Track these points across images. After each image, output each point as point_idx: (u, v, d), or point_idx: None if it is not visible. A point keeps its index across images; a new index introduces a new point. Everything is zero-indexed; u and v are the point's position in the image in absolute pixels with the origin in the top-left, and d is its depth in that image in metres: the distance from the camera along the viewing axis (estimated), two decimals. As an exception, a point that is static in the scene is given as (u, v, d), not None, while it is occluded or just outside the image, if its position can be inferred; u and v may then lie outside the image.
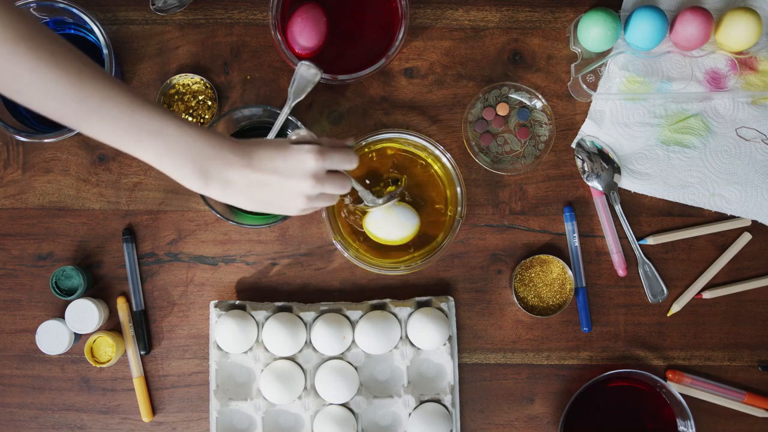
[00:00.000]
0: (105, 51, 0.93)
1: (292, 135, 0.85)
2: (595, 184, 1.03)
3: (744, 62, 1.01)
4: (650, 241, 1.03)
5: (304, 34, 0.97)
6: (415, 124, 1.04)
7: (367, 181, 1.00)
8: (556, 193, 1.04)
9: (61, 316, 1.01)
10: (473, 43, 1.04)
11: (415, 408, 1.00)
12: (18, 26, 0.69)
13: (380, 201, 0.95)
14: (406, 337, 1.00)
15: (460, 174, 0.99)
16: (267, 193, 0.80)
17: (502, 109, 1.03)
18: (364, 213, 0.99)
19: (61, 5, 0.93)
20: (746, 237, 1.04)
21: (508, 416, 1.04)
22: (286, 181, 0.80)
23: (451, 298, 1.02)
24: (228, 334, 0.97)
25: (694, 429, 0.99)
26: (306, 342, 1.00)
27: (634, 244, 1.03)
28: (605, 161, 1.03)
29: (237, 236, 1.03)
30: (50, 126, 0.98)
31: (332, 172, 0.84)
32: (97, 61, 0.98)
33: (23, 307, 1.03)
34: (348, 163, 0.84)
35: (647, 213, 1.04)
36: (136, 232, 1.03)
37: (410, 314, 1.00)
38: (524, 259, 1.02)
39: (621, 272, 1.04)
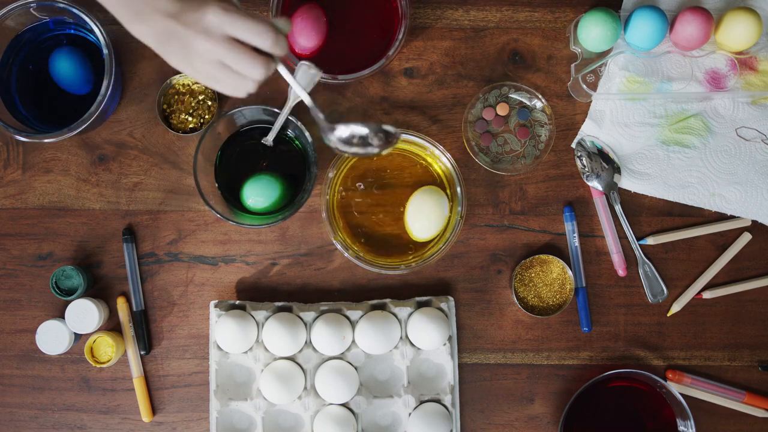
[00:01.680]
0: (105, 51, 0.93)
1: None
2: (595, 184, 1.03)
3: (744, 62, 1.01)
4: (650, 241, 1.03)
5: (304, 34, 0.97)
6: (415, 124, 1.04)
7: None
8: (556, 193, 1.04)
9: (61, 316, 1.01)
10: (473, 43, 1.04)
11: (415, 408, 1.00)
12: None
13: (337, 132, 0.82)
14: (406, 337, 1.00)
15: (460, 174, 0.99)
16: (176, 46, 0.76)
17: (502, 109, 1.03)
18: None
19: (62, 5, 0.93)
20: (746, 237, 1.04)
21: (508, 416, 1.04)
22: (186, 32, 0.74)
23: (451, 298, 1.02)
24: (228, 334, 0.97)
25: (694, 429, 0.99)
26: (306, 342, 1.00)
27: (634, 244, 1.03)
28: (605, 161, 1.03)
29: (237, 236, 1.03)
30: (50, 126, 0.98)
31: (246, 48, 0.76)
32: (98, 61, 0.99)
33: (23, 307, 1.03)
34: (259, 36, 0.75)
35: (647, 213, 1.04)
36: (136, 232, 1.03)
37: (410, 314, 1.00)
38: (524, 259, 1.02)
39: (621, 272, 1.04)
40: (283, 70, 0.80)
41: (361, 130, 0.81)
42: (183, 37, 0.75)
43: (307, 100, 0.83)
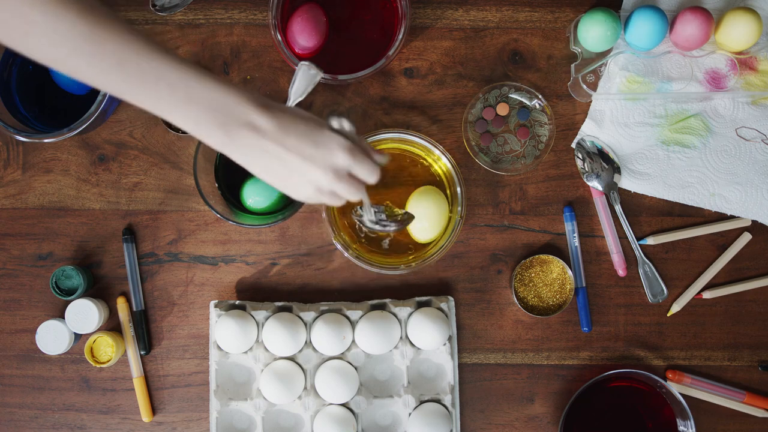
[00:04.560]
0: (105, 51, 0.93)
1: (333, 121, 0.79)
2: (595, 184, 1.03)
3: (744, 62, 1.01)
4: (650, 241, 1.03)
5: (304, 34, 0.97)
6: (415, 124, 1.04)
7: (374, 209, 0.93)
8: (556, 193, 1.04)
9: (61, 316, 1.01)
10: (473, 43, 1.04)
11: (415, 408, 1.00)
12: None
13: (378, 223, 0.91)
14: (406, 337, 1.00)
15: (460, 174, 0.99)
16: (281, 169, 0.75)
17: (502, 109, 1.03)
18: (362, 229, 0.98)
19: (61, 5, 0.93)
20: (746, 237, 1.04)
21: (508, 416, 1.04)
22: (304, 166, 0.75)
23: (451, 298, 1.02)
24: (228, 334, 0.97)
25: (694, 429, 0.99)
26: (306, 342, 1.00)
27: (634, 244, 1.03)
28: (605, 161, 1.03)
29: (237, 236, 1.03)
30: (50, 126, 0.98)
31: (351, 176, 0.79)
32: (97, 61, 0.98)
33: (23, 307, 1.03)
34: (371, 175, 0.80)
35: (647, 213, 1.04)
36: (136, 232, 1.03)
37: (410, 314, 1.00)
38: (524, 259, 1.02)
39: (621, 272, 1.04)
40: (365, 197, 0.84)
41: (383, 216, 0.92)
42: (295, 164, 0.75)
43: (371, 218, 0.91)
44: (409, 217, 0.94)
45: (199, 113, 0.72)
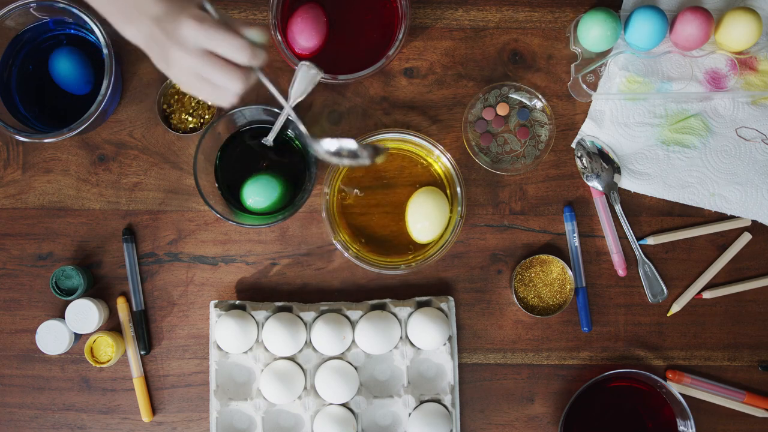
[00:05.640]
0: (105, 51, 0.93)
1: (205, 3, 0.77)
2: (595, 184, 1.03)
3: (744, 62, 1.01)
4: (650, 241, 1.03)
5: (304, 34, 0.97)
6: (415, 124, 1.04)
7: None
8: (556, 193, 1.04)
9: (61, 316, 1.01)
10: (473, 43, 1.04)
11: (415, 408, 1.00)
12: None
13: (328, 147, 0.84)
14: (406, 337, 1.00)
15: (460, 174, 0.99)
16: (158, 52, 0.76)
17: (502, 109, 1.03)
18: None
19: (62, 5, 0.93)
20: (746, 237, 1.04)
21: (508, 416, 1.04)
22: (165, 40, 0.74)
23: (451, 298, 1.02)
24: (228, 334, 0.97)
25: (694, 429, 0.99)
26: (306, 342, 1.00)
27: (634, 244, 1.03)
28: (605, 161, 1.03)
29: (237, 236, 1.03)
30: (50, 126, 0.98)
31: (222, 61, 0.75)
32: (98, 61, 0.99)
33: (23, 307, 1.03)
34: (235, 51, 0.74)
35: (647, 213, 1.04)
36: (136, 232, 1.03)
37: (410, 314, 1.00)
38: (524, 259, 1.02)
39: (621, 272, 1.04)
40: (264, 80, 0.79)
41: (349, 144, 0.85)
42: (162, 44, 0.75)
43: (291, 113, 0.86)
44: (379, 152, 0.86)
45: (109, 5, 0.75)
